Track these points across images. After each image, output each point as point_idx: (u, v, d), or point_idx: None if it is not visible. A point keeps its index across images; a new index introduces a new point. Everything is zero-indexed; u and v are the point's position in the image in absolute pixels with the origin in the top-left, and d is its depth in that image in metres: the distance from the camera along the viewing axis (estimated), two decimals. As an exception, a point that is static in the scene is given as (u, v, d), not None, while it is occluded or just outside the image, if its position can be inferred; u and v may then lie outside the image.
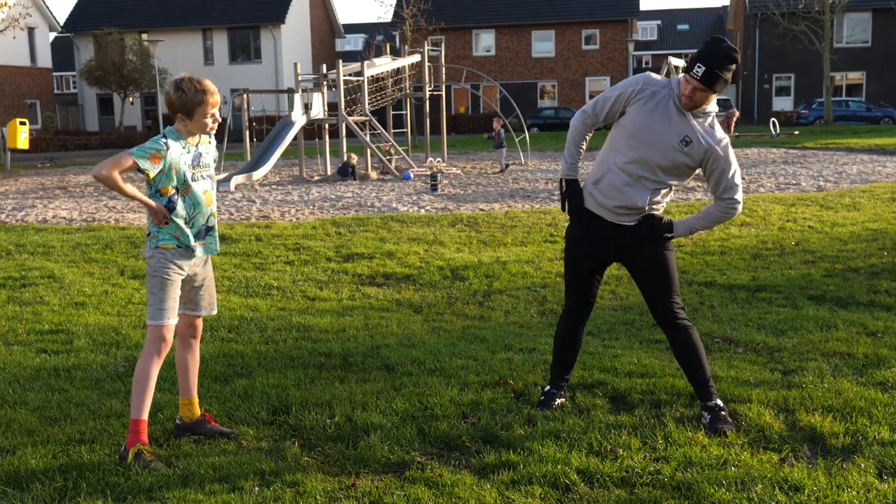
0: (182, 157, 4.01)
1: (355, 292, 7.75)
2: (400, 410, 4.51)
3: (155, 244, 4.03)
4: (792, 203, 12.79)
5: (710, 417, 4.21)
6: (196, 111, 3.96)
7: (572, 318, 4.53)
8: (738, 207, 4.22)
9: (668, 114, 4.11)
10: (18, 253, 10.17)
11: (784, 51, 48.64)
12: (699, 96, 4.03)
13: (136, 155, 3.89)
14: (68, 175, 23.86)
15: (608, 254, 4.34)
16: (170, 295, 4.04)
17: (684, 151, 4.09)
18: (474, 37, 51.82)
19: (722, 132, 4.20)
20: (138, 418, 3.98)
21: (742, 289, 7.42)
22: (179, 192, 4.03)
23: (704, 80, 3.96)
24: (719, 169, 4.13)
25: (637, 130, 4.13)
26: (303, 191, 17.34)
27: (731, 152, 4.17)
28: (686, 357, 4.31)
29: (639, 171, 4.14)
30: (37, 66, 45.96)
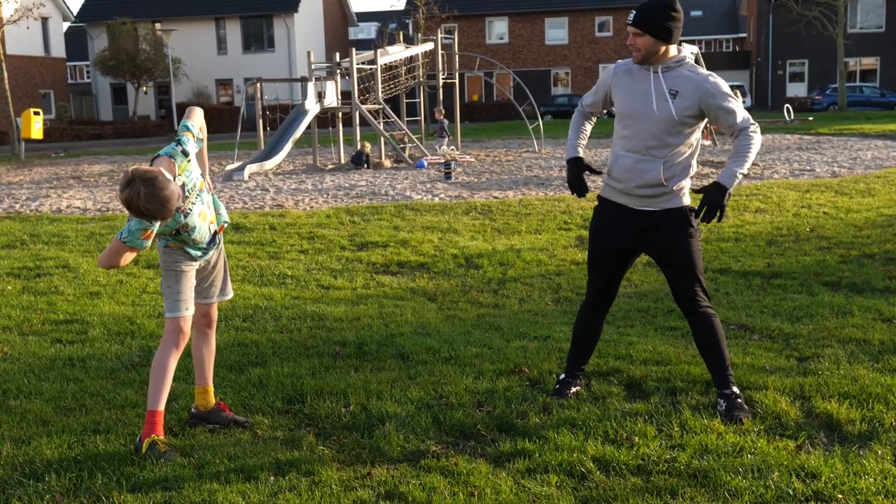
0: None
1: (370, 281, 7.74)
2: (415, 399, 4.51)
3: (165, 243, 4.03)
4: (806, 189, 12.71)
5: (726, 405, 4.19)
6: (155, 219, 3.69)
7: (592, 310, 4.51)
8: (758, 130, 4.12)
9: (647, 80, 4.16)
10: (33, 243, 10.22)
11: (798, 36, 48.27)
12: (640, 42, 4.08)
13: (128, 241, 3.74)
14: (82, 165, 23.95)
15: (631, 244, 4.30)
16: (185, 286, 4.05)
17: (677, 104, 4.07)
18: (487, 24, 51.66)
19: (702, 70, 4.15)
20: (155, 409, 3.98)
21: (757, 275, 7.38)
22: (180, 231, 3.96)
23: (635, 21, 4.06)
24: (721, 105, 4.07)
25: (626, 107, 4.19)
26: (316, 179, 17.35)
27: (721, 83, 4.11)
28: (706, 344, 4.29)
29: (644, 144, 4.14)
30: (50, 56, 46.11)
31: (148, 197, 3.52)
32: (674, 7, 4.07)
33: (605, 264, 4.39)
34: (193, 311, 4.12)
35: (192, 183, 3.92)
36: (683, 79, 4.10)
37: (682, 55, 4.16)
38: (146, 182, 3.53)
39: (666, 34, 4.06)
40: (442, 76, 24.14)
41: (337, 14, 55.36)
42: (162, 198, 3.55)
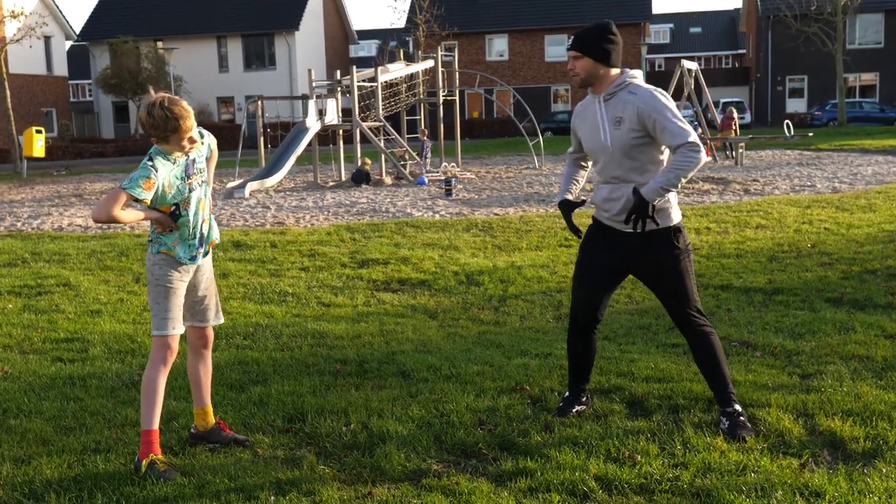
0: (173, 172, 3.94)
1: (370, 298, 7.73)
2: (416, 417, 4.49)
3: (156, 249, 4.01)
4: (807, 205, 12.71)
5: (728, 423, 4.17)
6: (171, 137, 3.87)
7: (577, 333, 4.48)
8: (698, 149, 4.01)
9: (595, 111, 4.24)
10: (34, 261, 10.22)
11: (797, 52, 48.44)
12: (579, 65, 4.16)
13: (128, 188, 3.81)
14: (84, 183, 23.98)
15: (620, 262, 4.29)
16: (174, 304, 4.02)
17: (623, 130, 4.10)
18: (487, 42, 51.86)
19: (643, 89, 4.14)
20: (149, 429, 3.96)
21: (759, 292, 7.37)
22: (180, 206, 3.99)
23: (573, 45, 4.17)
24: (657, 121, 4.04)
25: (586, 143, 4.31)
26: (317, 197, 17.36)
27: (660, 99, 4.09)
28: (705, 363, 4.27)
29: (610, 174, 4.20)
30: (53, 75, 46.28)
31: (170, 101, 3.84)
32: (611, 30, 4.17)
33: (592, 283, 4.36)
34: (182, 330, 4.09)
35: (201, 165, 4.05)
36: (624, 103, 4.13)
37: (622, 78, 4.18)
38: (168, 97, 3.87)
39: (604, 55, 4.13)
40: (442, 93, 24.21)
41: (338, 32, 55.59)
42: (181, 105, 3.85)
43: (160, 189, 3.90)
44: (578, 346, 4.49)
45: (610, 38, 4.14)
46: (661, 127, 4.05)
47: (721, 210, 12.50)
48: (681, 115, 4.11)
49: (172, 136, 3.85)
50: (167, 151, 3.94)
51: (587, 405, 4.56)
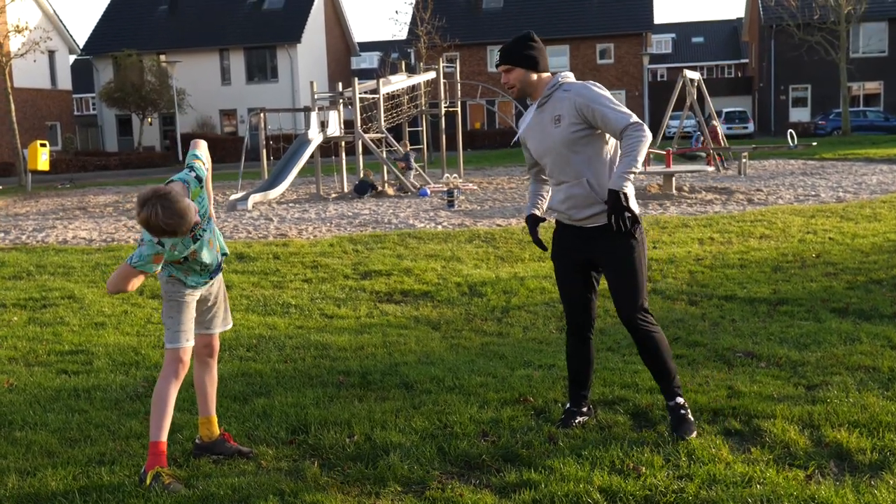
0: (178, 240, 3.90)
1: (373, 310, 7.73)
2: (419, 429, 4.48)
3: (167, 273, 4.04)
4: (812, 215, 12.70)
5: (672, 419, 4.31)
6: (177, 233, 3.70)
7: (575, 335, 4.52)
8: (642, 127, 4.08)
9: (535, 117, 4.35)
10: (39, 273, 10.23)
11: (800, 61, 48.49)
12: (512, 77, 4.28)
13: (139, 266, 3.80)
14: (88, 196, 24.03)
15: (586, 258, 4.35)
16: (186, 317, 4.06)
17: (563, 126, 4.19)
18: (489, 52, 51.96)
19: (576, 84, 4.23)
20: (157, 440, 3.97)
21: (763, 302, 7.35)
22: (188, 258, 4.01)
23: (501, 60, 4.29)
24: (596, 110, 4.11)
25: (533, 151, 4.41)
26: (320, 208, 17.38)
27: (594, 90, 4.17)
28: (650, 360, 4.32)
29: (562, 173, 4.28)
30: (57, 89, 46.41)
31: (166, 212, 3.57)
32: (532, 38, 4.30)
33: (571, 284, 4.43)
34: (193, 342, 4.12)
35: (204, 209, 3.99)
36: (560, 101, 4.23)
37: (554, 80, 4.29)
38: (161, 198, 3.59)
39: (531, 62, 4.26)
40: (444, 104, 24.26)
41: (339, 44, 55.74)
42: (179, 210, 3.60)
43: (169, 257, 3.90)
44: (576, 351, 4.52)
45: (533, 45, 4.27)
46: (601, 115, 4.12)
47: (724, 220, 12.49)
48: (616, 101, 4.18)
49: (173, 236, 3.72)
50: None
51: (590, 416, 4.55)
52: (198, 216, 3.85)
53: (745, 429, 4.34)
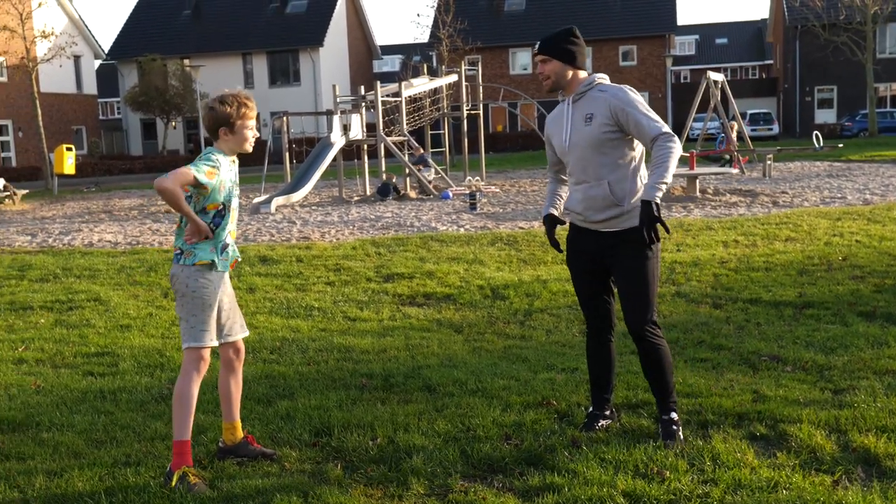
0: (228, 174, 4.09)
1: (396, 312, 7.74)
2: (442, 432, 4.48)
3: (191, 261, 4.01)
4: (838, 217, 12.59)
5: (662, 431, 4.27)
6: (237, 124, 4.04)
7: (594, 338, 4.52)
8: (674, 138, 4.07)
9: (566, 113, 4.34)
10: (65, 276, 10.32)
11: (825, 62, 48.09)
12: (548, 68, 4.26)
13: (196, 169, 3.90)
14: (113, 199, 24.24)
15: (601, 264, 4.33)
16: (210, 316, 4.05)
17: (594, 125, 4.18)
18: (511, 55, 51.94)
19: (612, 86, 4.23)
20: (182, 439, 4.00)
21: (789, 305, 7.29)
22: (226, 209, 4.09)
23: (539, 49, 4.28)
24: (630, 115, 4.10)
25: (559, 146, 4.38)
26: (342, 211, 17.43)
27: (630, 95, 4.17)
28: (650, 371, 4.31)
29: (585, 172, 4.25)
30: (82, 93, 46.87)
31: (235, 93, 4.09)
32: (574, 34, 4.29)
33: (587, 288, 4.43)
34: (216, 342, 4.12)
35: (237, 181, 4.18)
36: (594, 100, 4.22)
37: (590, 79, 4.29)
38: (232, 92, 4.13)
39: (570, 56, 4.24)
40: (466, 107, 24.25)
41: (361, 48, 55.91)
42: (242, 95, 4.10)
43: (218, 183, 4.00)
44: (596, 354, 4.52)
45: (573, 41, 4.26)
46: (634, 120, 4.11)
47: (749, 223, 12.41)
48: (650, 109, 4.18)
49: (239, 122, 4.02)
50: (226, 152, 4.09)
51: (613, 419, 4.53)
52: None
53: (771, 433, 4.31)
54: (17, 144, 41.91)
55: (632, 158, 4.23)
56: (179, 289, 4.04)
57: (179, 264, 4.04)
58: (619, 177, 4.20)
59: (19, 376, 5.99)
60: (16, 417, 5.01)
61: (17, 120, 41.70)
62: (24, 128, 41.91)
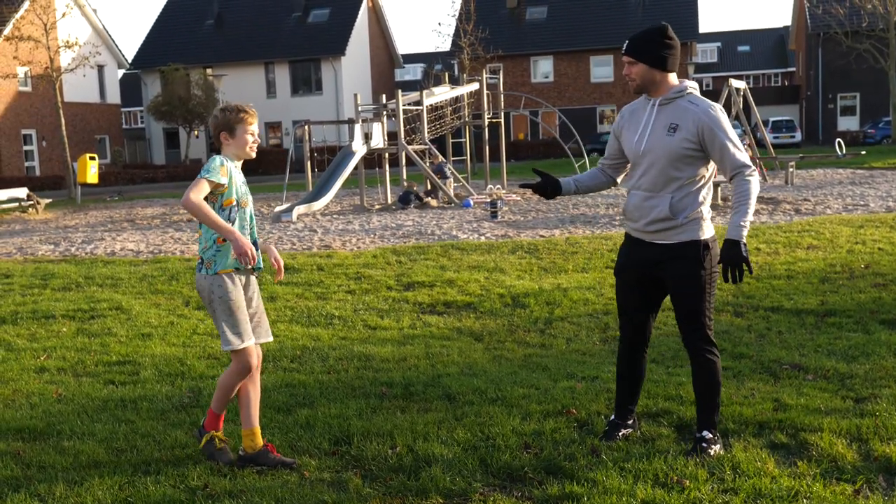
0: (237, 173, 4.29)
1: (416, 321, 7.75)
2: (461, 441, 4.48)
3: (213, 271, 4.18)
4: (860, 224, 12.49)
5: (693, 447, 4.19)
6: (237, 128, 4.24)
7: (629, 349, 4.45)
8: (755, 173, 4.02)
9: (647, 115, 4.17)
10: (88, 285, 10.41)
11: (848, 70, 47.76)
12: (634, 71, 4.12)
13: (206, 174, 4.11)
14: (136, 208, 24.43)
15: (652, 278, 4.27)
16: (242, 317, 4.23)
17: (677, 138, 4.04)
18: (532, 63, 51.94)
19: (704, 101, 4.09)
20: (218, 413, 4.38)
21: (810, 313, 7.24)
22: (239, 204, 4.26)
23: (627, 50, 4.14)
24: (717, 138, 4.00)
25: (631, 145, 4.22)
26: (363, 220, 17.48)
27: (722, 118, 4.03)
28: (700, 388, 4.25)
29: (651, 180, 4.13)
30: (106, 103, 47.31)
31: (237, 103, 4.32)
32: (667, 34, 4.09)
33: (632, 301, 4.36)
34: (254, 340, 4.30)
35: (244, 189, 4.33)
36: (683, 111, 4.06)
37: (682, 85, 4.13)
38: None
39: (660, 61, 4.08)
40: (487, 115, 24.27)
41: (383, 56, 56.11)
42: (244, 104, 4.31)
43: (231, 178, 4.19)
44: (630, 363, 4.45)
45: (666, 43, 4.08)
46: (720, 146, 4.00)
47: (771, 230, 12.33)
48: (735, 135, 4.08)
49: (238, 126, 4.23)
50: (231, 157, 4.28)
51: (634, 428, 4.51)
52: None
53: (792, 442, 4.28)
54: (41, 154, 42.36)
55: (702, 177, 4.12)
56: (206, 297, 4.21)
57: (202, 274, 4.21)
58: (684, 193, 4.10)
59: (41, 385, 6.05)
60: (37, 426, 5.05)
61: (40, 129, 42.15)
62: (47, 137, 42.37)
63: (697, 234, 4.12)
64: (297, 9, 51.78)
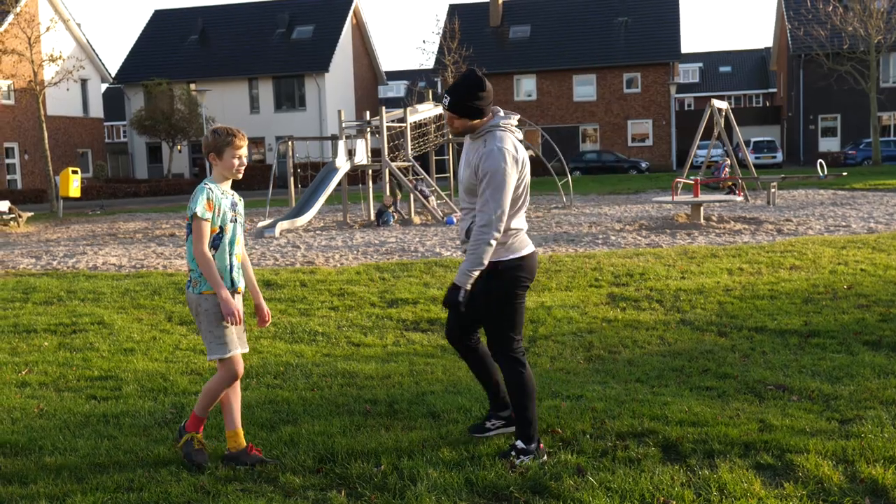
0: (222, 200, 4.45)
1: (400, 338, 7.72)
2: (447, 459, 4.45)
3: (198, 290, 4.40)
4: (843, 245, 12.58)
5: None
6: (225, 151, 4.44)
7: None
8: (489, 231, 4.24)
9: (466, 150, 4.50)
10: (69, 299, 10.32)
11: (829, 91, 48.26)
12: (457, 123, 4.40)
13: (203, 216, 4.33)
14: (118, 222, 24.29)
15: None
16: (227, 329, 4.39)
17: (469, 171, 4.39)
18: (515, 82, 52.16)
19: (492, 144, 4.30)
20: (200, 416, 4.52)
21: (794, 334, 7.27)
22: (223, 231, 4.46)
23: (452, 108, 4.37)
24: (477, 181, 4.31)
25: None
26: (346, 236, 17.45)
27: (493, 165, 4.24)
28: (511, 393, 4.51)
29: (464, 203, 4.49)
30: (89, 117, 47.12)
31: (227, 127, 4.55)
32: (482, 87, 4.32)
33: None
34: (240, 350, 4.48)
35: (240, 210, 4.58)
36: (478, 149, 4.35)
37: (490, 123, 4.38)
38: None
39: (476, 112, 4.35)
40: (472, 133, 24.26)
41: (367, 73, 56.21)
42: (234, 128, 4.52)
43: (215, 207, 4.39)
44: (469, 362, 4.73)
45: (480, 96, 4.32)
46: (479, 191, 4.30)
47: (753, 250, 12.40)
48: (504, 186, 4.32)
49: (227, 149, 4.43)
50: (218, 181, 4.48)
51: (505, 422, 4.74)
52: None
53: (778, 463, 4.28)
54: (23, 167, 42.09)
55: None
56: (193, 309, 4.46)
57: (190, 290, 4.45)
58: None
59: (22, 399, 5.98)
60: (18, 441, 4.99)
61: (23, 142, 41.92)
62: (29, 150, 42.12)
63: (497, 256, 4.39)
64: (282, 25, 51.83)
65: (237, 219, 4.52)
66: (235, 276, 4.50)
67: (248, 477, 4.33)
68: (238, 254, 4.54)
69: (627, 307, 8.68)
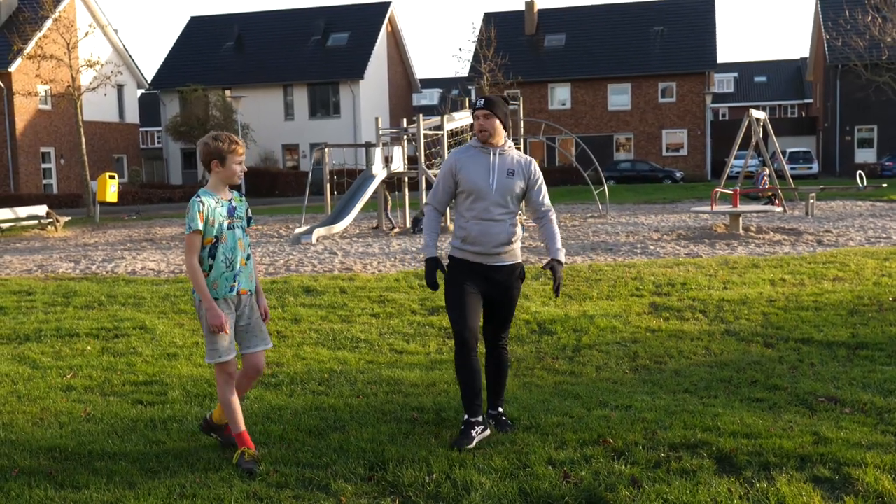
0: (217, 210, 4.59)
1: (442, 346, 7.70)
2: (499, 468, 4.42)
3: (197, 295, 4.61)
4: (885, 257, 12.39)
5: (495, 423, 5.10)
6: (228, 158, 4.56)
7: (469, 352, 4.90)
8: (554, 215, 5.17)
9: (486, 160, 5.01)
10: (110, 304, 10.41)
11: (866, 102, 47.69)
12: (487, 123, 4.97)
13: (191, 228, 4.51)
14: (154, 227, 24.51)
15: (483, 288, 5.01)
16: (221, 336, 4.56)
17: (514, 179, 4.99)
18: (550, 90, 52.07)
19: (525, 156, 5.12)
20: (239, 431, 4.63)
21: (841, 346, 7.16)
22: (219, 240, 4.60)
23: (486, 106, 4.97)
24: (539, 180, 5.07)
25: (472, 183, 4.96)
26: (383, 243, 17.47)
27: (536, 166, 5.13)
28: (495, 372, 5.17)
29: (493, 212, 4.93)
30: (125, 122, 47.66)
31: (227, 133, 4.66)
32: (507, 101, 5.12)
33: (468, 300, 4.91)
34: (232, 355, 4.64)
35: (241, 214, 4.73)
36: (516, 161, 5.04)
37: (509, 142, 5.10)
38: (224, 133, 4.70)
39: (506, 119, 5.06)
40: (507, 141, 24.26)
41: (401, 81, 56.38)
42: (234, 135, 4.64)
43: (208, 217, 4.53)
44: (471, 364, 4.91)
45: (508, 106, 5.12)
46: (543, 187, 5.15)
47: (795, 261, 12.25)
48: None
49: (229, 156, 4.55)
50: (215, 191, 4.62)
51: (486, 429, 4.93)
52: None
53: (835, 476, 4.21)
54: (59, 171, 42.63)
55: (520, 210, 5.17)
56: (198, 312, 4.67)
57: (194, 296, 4.62)
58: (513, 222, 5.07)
59: (69, 403, 6.02)
60: (68, 445, 5.02)
61: (59, 147, 42.46)
62: (66, 155, 42.66)
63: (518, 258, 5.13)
64: (317, 32, 52.14)
65: (236, 224, 4.65)
66: (238, 280, 4.64)
67: (300, 484, 4.32)
68: (242, 258, 4.67)
69: (670, 317, 8.60)
